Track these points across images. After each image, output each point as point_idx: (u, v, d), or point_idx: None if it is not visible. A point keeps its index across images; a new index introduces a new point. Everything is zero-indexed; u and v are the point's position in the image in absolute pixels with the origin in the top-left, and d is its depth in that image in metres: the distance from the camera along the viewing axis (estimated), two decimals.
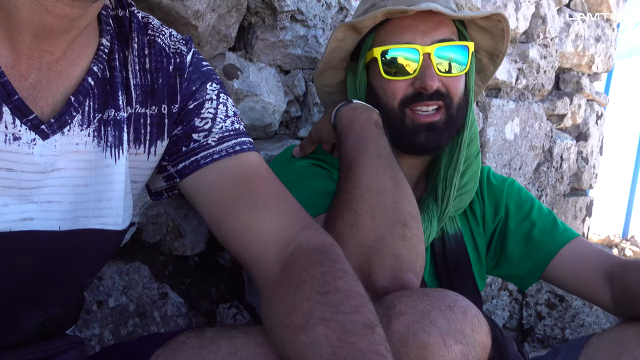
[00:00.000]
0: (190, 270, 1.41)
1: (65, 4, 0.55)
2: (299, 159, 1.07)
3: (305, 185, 0.98)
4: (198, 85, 0.74)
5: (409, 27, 0.99)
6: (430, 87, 0.97)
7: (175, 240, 1.32)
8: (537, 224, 1.12)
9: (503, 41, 1.08)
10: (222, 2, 1.11)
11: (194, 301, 1.39)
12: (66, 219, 0.65)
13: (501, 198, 1.16)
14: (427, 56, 0.98)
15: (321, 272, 0.61)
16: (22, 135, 0.59)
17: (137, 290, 1.26)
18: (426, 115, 1.00)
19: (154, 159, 0.74)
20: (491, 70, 1.15)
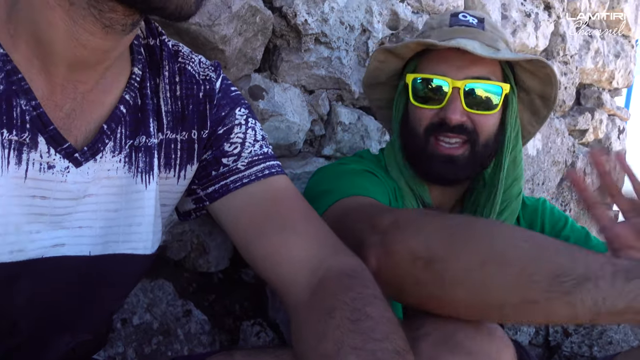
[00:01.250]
0: (214, 287, 1.42)
1: (99, 38, 0.57)
2: (349, 164, 1.08)
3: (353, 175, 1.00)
4: (227, 111, 0.76)
5: (445, 60, 1.01)
6: (450, 120, 0.98)
7: (200, 257, 1.34)
8: (571, 239, 1.12)
9: (551, 86, 1.06)
10: (249, 26, 1.14)
11: (218, 318, 1.40)
12: (97, 244, 0.66)
13: (535, 217, 1.17)
14: (457, 90, 0.99)
15: (351, 298, 0.61)
16: (56, 163, 0.60)
17: (161, 307, 1.27)
18: (448, 147, 1.01)
19: (183, 182, 0.75)
20: (544, 113, 1.13)
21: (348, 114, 1.40)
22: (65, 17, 0.55)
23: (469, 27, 1.04)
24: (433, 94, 1.01)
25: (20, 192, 0.58)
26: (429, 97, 1.02)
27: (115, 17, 0.56)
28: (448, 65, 1.00)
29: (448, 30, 1.04)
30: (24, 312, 0.62)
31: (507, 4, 1.84)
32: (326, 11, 1.27)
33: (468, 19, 1.06)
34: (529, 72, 1.06)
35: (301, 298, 0.67)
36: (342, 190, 0.93)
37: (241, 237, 0.73)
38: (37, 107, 0.58)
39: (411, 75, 1.04)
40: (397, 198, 1.06)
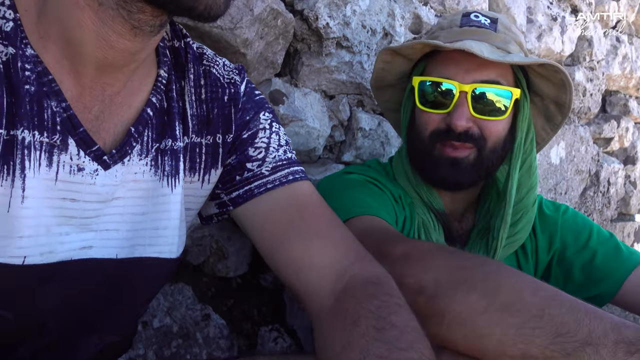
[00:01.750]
0: (233, 292, 1.42)
1: (127, 39, 0.58)
2: (351, 174, 1.07)
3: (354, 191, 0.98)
4: (252, 115, 0.76)
5: (453, 62, 0.97)
6: (456, 127, 0.95)
7: (219, 261, 1.34)
8: (598, 252, 1.06)
9: (566, 92, 1.01)
10: (270, 30, 1.14)
11: (236, 323, 1.39)
12: (123, 247, 0.66)
13: (555, 229, 1.11)
14: (464, 94, 0.95)
15: (376, 307, 0.60)
16: (85, 166, 0.61)
17: (180, 311, 1.27)
18: (452, 149, 0.97)
19: (207, 187, 0.75)
20: (559, 120, 1.09)
21: (368, 119, 1.39)
22: (94, 17, 0.55)
23: (480, 27, 1.00)
24: (440, 98, 0.97)
25: (50, 194, 0.59)
26: (436, 101, 0.98)
27: (143, 18, 0.56)
28: (456, 68, 0.97)
29: (457, 31, 1.00)
30: (53, 313, 0.63)
31: (533, 7, 1.81)
32: (348, 14, 1.26)
33: (480, 19, 1.01)
34: (542, 77, 1.02)
35: (325, 305, 0.66)
36: (348, 208, 0.90)
37: (265, 243, 0.72)
38: (67, 109, 0.59)
39: (418, 77, 1.00)
40: (403, 206, 1.04)
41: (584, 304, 0.67)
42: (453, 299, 0.69)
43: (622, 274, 1.03)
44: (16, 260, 0.57)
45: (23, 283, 0.58)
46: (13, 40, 0.55)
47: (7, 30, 0.55)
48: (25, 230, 0.56)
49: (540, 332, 0.64)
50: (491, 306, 0.67)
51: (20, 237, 0.56)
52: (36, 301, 0.61)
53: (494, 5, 1.68)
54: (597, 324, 0.63)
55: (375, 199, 0.97)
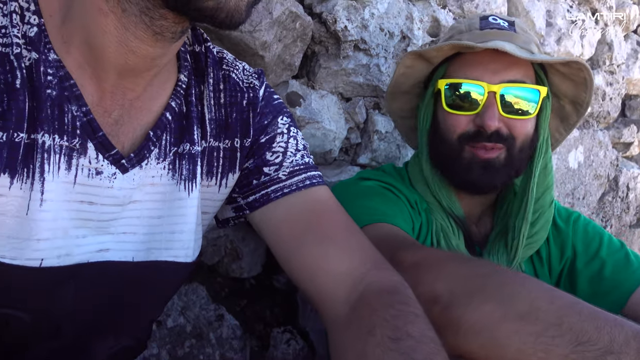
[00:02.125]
0: (246, 293, 1.42)
1: (149, 45, 0.58)
2: (366, 180, 1.06)
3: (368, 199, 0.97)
4: (270, 119, 0.76)
5: (480, 63, 0.97)
6: (489, 127, 0.94)
7: (233, 262, 1.34)
8: (607, 262, 1.05)
9: (585, 90, 1.02)
10: (289, 32, 1.14)
11: (249, 323, 1.40)
12: (139, 250, 0.66)
13: (567, 237, 1.10)
14: (492, 95, 0.95)
15: (392, 316, 0.60)
16: (103, 169, 0.61)
17: (194, 311, 1.28)
18: (485, 150, 0.97)
19: (224, 191, 0.75)
20: (575, 120, 1.09)
21: (385, 122, 1.38)
22: (117, 23, 0.56)
23: (501, 30, 1.00)
24: (467, 99, 0.97)
25: (69, 197, 0.59)
26: (463, 103, 0.97)
27: (165, 24, 0.56)
28: (483, 69, 0.96)
29: (480, 33, 1.00)
30: (68, 315, 0.63)
31: (553, 10, 1.79)
32: (366, 17, 1.26)
33: (499, 22, 1.02)
34: (563, 76, 1.02)
35: (340, 312, 0.66)
36: (363, 216, 0.90)
37: (281, 247, 0.72)
38: (87, 113, 0.59)
39: (443, 80, 1.00)
40: (419, 212, 1.03)
41: (604, 312, 0.66)
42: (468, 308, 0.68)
43: (631, 285, 1.01)
44: (33, 263, 0.57)
45: (39, 285, 0.59)
46: (37, 45, 0.56)
47: (32, 35, 0.56)
48: (43, 233, 0.57)
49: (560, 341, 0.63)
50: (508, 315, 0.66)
51: (37, 240, 0.57)
52: (52, 303, 0.61)
53: (513, 9, 1.66)
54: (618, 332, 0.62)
55: (391, 207, 0.97)
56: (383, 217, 0.92)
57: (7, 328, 0.60)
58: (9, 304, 0.59)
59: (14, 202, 0.55)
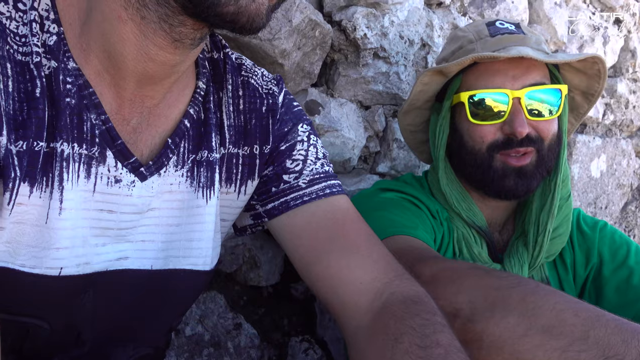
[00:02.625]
0: (264, 301, 1.42)
1: (168, 52, 0.58)
2: (386, 192, 1.05)
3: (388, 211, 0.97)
4: (290, 127, 0.75)
5: (499, 71, 0.96)
6: (520, 134, 0.94)
7: (251, 270, 1.34)
8: (636, 271, 1.03)
9: (599, 81, 1.03)
10: (308, 40, 1.13)
11: (267, 332, 1.39)
12: (158, 258, 0.66)
13: (593, 244, 1.08)
14: (517, 101, 0.94)
15: (419, 325, 0.58)
16: (122, 177, 0.61)
17: (212, 319, 1.27)
18: (517, 158, 0.96)
19: (243, 198, 0.75)
20: (585, 109, 1.10)
21: None
22: (136, 31, 0.56)
23: (512, 34, 1.00)
24: (492, 109, 0.97)
25: (88, 206, 0.59)
26: (489, 113, 0.97)
27: (184, 31, 0.56)
28: (503, 77, 0.96)
29: (493, 40, 1.00)
30: (87, 323, 0.63)
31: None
32: (386, 25, 1.25)
33: (507, 26, 1.02)
34: (576, 70, 1.03)
35: (363, 322, 0.65)
36: (382, 229, 0.89)
37: (301, 256, 0.71)
38: (106, 122, 0.59)
39: (465, 93, 0.98)
40: (441, 222, 1.03)
41: (630, 324, 0.64)
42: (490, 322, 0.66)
43: None
44: (53, 272, 0.57)
45: (59, 294, 0.59)
46: (56, 54, 0.56)
47: (51, 44, 0.56)
48: (62, 242, 0.57)
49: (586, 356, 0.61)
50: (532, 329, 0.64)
51: (57, 249, 0.57)
52: (71, 312, 0.61)
53: (535, 16, 1.64)
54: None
55: (411, 218, 0.96)
56: (403, 229, 0.91)
57: (27, 337, 0.60)
58: (29, 312, 0.59)
59: (34, 210, 0.55)
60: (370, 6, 1.22)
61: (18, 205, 0.54)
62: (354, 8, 1.20)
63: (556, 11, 1.68)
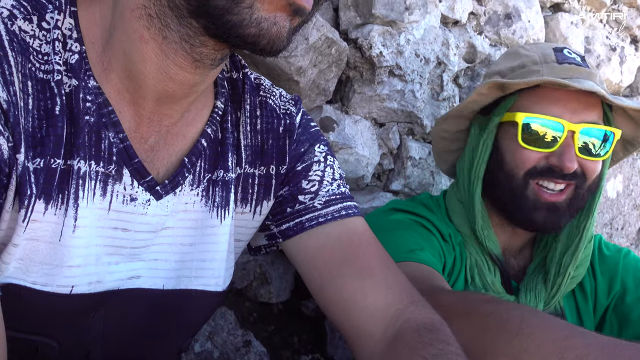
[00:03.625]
0: (274, 318, 1.40)
1: (187, 72, 0.58)
2: (397, 212, 1.04)
3: (396, 235, 0.95)
4: (307, 147, 0.74)
5: (560, 100, 0.94)
6: (568, 169, 0.92)
7: (261, 286, 1.33)
8: None
9: None
10: (324, 58, 1.13)
11: (277, 350, 1.37)
12: (170, 277, 0.66)
13: (616, 271, 1.06)
14: (571, 134, 0.92)
15: (432, 355, 0.57)
16: (138, 196, 0.61)
17: (222, 336, 1.26)
18: (551, 194, 0.95)
19: (259, 218, 0.74)
20: (620, 157, 1.07)
21: (418, 148, 1.36)
22: (158, 50, 0.56)
23: (579, 66, 0.97)
24: (545, 136, 0.94)
25: (103, 224, 0.59)
26: (539, 139, 0.94)
27: (205, 51, 0.56)
28: (563, 107, 0.93)
29: (560, 68, 0.97)
30: (97, 343, 0.62)
31: (591, 37, 1.76)
32: (402, 43, 1.25)
33: (574, 57, 0.99)
34: (628, 117, 0.99)
35: (376, 350, 0.64)
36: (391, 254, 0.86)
37: (315, 278, 0.70)
38: (124, 140, 0.59)
39: (522, 114, 0.95)
40: (453, 246, 1.01)
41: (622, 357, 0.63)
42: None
43: None
44: (64, 290, 0.57)
45: (69, 312, 0.58)
46: (77, 72, 0.57)
47: (72, 62, 0.57)
48: (75, 260, 0.57)
49: None
50: None
51: (69, 267, 0.56)
52: (81, 330, 0.61)
53: (551, 35, 1.63)
54: None
55: (419, 242, 0.94)
56: (410, 255, 0.89)
57: (36, 356, 0.60)
58: (38, 330, 0.59)
59: (48, 227, 0.55)
60: (386, 24, 1.22)
61: (33, 222, 0.54)
62: (370, 26, 1.20)
63: (572, 31, 1.67)
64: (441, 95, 1.36)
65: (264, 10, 0.51)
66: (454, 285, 0.99)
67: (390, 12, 1.20)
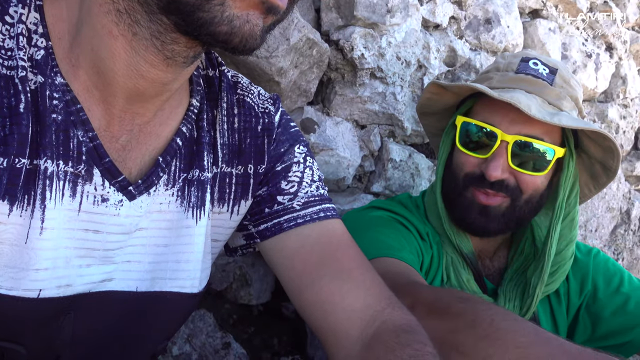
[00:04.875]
0: (254, 320, 1.39)
1: (159, 70, 0.56)
2: (376, 210, 1.04)
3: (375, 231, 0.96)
4: (286, 148, 0.74)
5: (501, 109, 0.95)
6: (489, 177, 0.93)
7: (242, 288, 1.32)
8: (632, 298, 1.04)
9: (613, 158, 0.99)
10: (305, 59, 1.13)
11: (256, 352, 1.37)
12: (144, 279, 0.64)
13: (587, 272, 1.09)
14: (504, 144, 0.93)
15: (410, 355, 0.57)
16: (110, 196, 0.59)
17: (200, 338, 1.25)
18: (486, 195, 0.96)
19: (236, 218, 0.73)
20: (604, 180, 1.06)
21: (399, 150, 1.37)
22: (127, 47, 0.54)
23: (537, 78, 0.98)
24: (481, 142, 0.96)
25: (72, 225, 0.57)
26: (476, 145, 0.97)
27: (177, 49, 0.54)
28: (502, 117, 0.95)
29: (511, 77, 0.99)
30: (67, 347, 0.61)
31: (568, 43, 1.79)
32: (383, 46, 1.26)
33: (539, 69, 0.99)
34: (590, 139, 0.99)
35: (353, 351, 0.63)
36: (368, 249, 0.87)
37: (293, 280, 0.70)
38: (94, 139, 0.57)
39: (462, 117, 0.99)
40: (431, 245, 1.02)
41: None
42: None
43: None
44: (31, 294, 0.55)
45: (37, 317, 0.57)
46: (43, 68, 0.55)
47: (38, 58, 0.55)
48: (42, 263, 0.55)
49: None
50: None
51: (36, 270, 0.54)
52: (50, 335, 0.59)
53: (529, 41, 1.66)
54: None
55: (398, 239, 0.95)
56: (388, 251, 0.90)
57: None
58: (5, 336, 0.56)
59: (13, 230, 0.53)
60: (368, 27, 1.23)
61: None
62: (352, 28, 1.20)
63: (550, 37, 1.69)
64: None
65: (236, 7, 0.50)
66: (431, 283, 1.00)
67: (372, 14, 1.21)
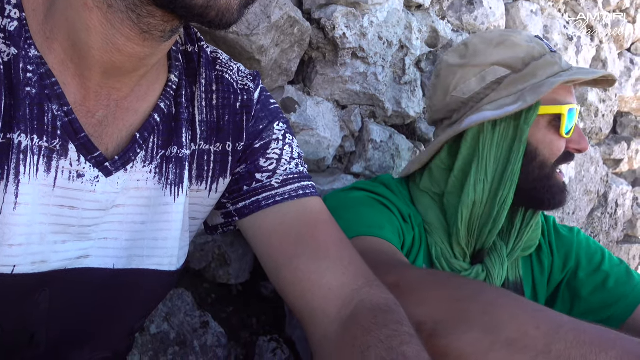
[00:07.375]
0: (233, 299, 1.40)
1: (136, 44, 0.55)
2: (357, 191, 1.04)
3: (356, 210, 0.96)
4: (265, 125, 0.73)
5: (570, 89, 1.02)
6: (585, 149, 1.01)
7: (220, 267, 1.32)
8: (611, 275, 1.07)
9: None
10: (286, 37, 1.12)
11: (235, 331, 1.37)
12: (121, 257, 0.64)
13: (571, 248, 1.12)
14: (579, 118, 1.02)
15: (387, 336, 0.57)
16: (85, 172, 0.58)
17: (179, 317, 1.25)
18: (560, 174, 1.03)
19: (214, 196, 0.73)
20: None
21: (380, 131, 1.36)
22: (103, 20, 0.53)
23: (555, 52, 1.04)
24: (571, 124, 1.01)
25: (47, 201, 0.56)
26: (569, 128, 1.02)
27: (153, 22, 0.53)
28: (572, 94, 1.02)
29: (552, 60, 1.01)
30: (42, 324, 0.60)
31: (549, 26, 1.80)
32: (365, 25, 1.25)
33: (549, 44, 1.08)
34: None
35: (330, 330, 0.63)
36: (349, 228, 0.87)
37: (271, 258, 0.70)
38: (69, 113, 0.56)
39: (565, 106, 0.99)
40: (413, 226, 1.02)
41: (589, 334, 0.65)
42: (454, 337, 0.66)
43: (635, 299, 1.03)
44: (5, 270, 0.54)
45: (11, 293, 0.56)
46: (16, 40, 0.53)
47: (11, 29, 0.53)
48: (16, 238, 0.54)
49: None
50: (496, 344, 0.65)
51: (10, 245, 0.54)
52: (25, 312, 0.58)
53: (511, 23, 1.66)
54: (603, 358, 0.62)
55: (379, 218, 0.94)
56: (370, 229, 0.90)
57: None
58: None
59: None
60: (350, 6, 1.21)
61: None
62: (334, 7, 1.19)
63: (532, 19, 1.70)
64: (403, 79, 1.37)
65: None
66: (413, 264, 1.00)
67: None
